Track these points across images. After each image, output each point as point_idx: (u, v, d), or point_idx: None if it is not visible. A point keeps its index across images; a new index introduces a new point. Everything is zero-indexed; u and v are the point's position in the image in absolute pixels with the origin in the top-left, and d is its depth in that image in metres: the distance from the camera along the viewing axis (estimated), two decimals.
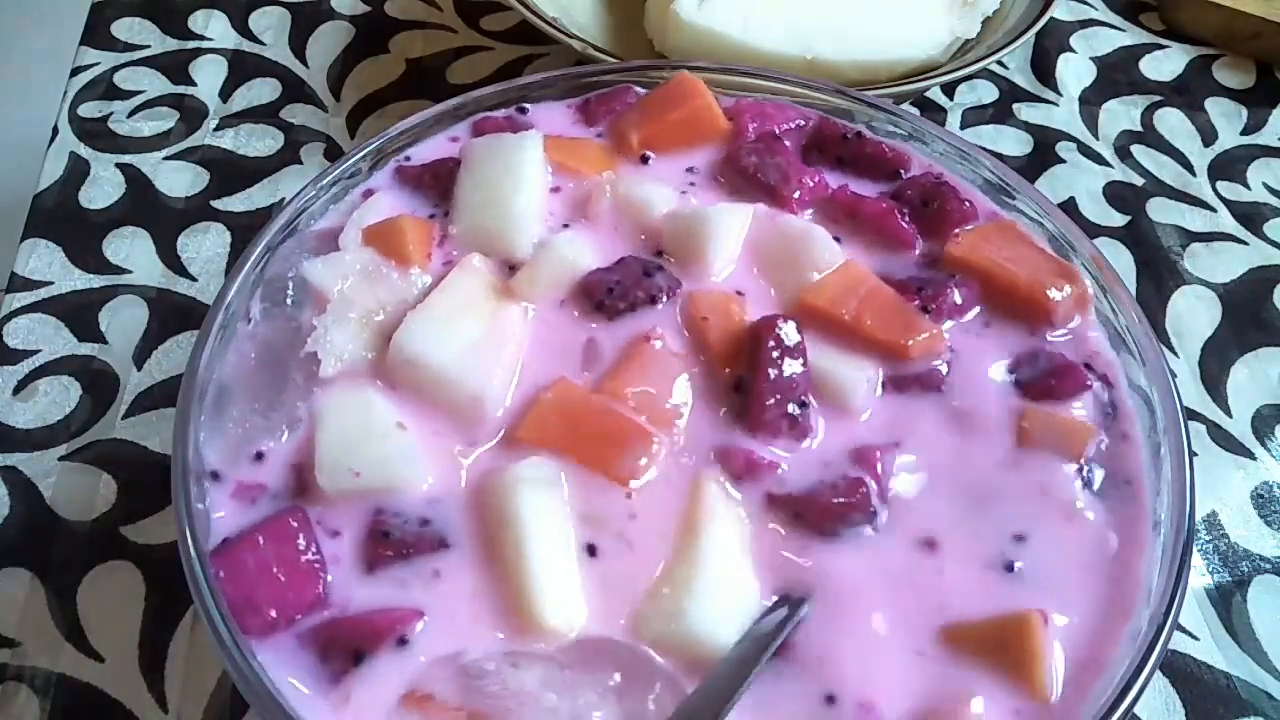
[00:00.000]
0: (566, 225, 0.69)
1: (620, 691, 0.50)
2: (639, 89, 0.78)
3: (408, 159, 0.73)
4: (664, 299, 0.65)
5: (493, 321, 0.63)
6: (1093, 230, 0.98)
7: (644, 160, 0.74)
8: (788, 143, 0.75)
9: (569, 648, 0.52)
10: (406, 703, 0.50)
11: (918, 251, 0.70)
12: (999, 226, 0.71)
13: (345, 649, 0.52)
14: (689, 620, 0.52)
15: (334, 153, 1.00)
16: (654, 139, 0.74)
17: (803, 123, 0.77)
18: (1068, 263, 0.68)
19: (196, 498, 0.55)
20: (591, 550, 0.55)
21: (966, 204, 0.71)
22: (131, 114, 1.02)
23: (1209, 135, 1.09)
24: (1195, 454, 0.67)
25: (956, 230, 0.70)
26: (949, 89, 1.10)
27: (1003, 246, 0.69)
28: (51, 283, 0.88)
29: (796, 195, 0.71)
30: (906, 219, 0.70)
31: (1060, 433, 0.60)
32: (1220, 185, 1.04)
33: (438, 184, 0.71)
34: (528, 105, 0.77)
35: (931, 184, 0.72)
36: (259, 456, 0.58)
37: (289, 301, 0.64)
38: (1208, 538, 0.80)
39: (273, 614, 0.52)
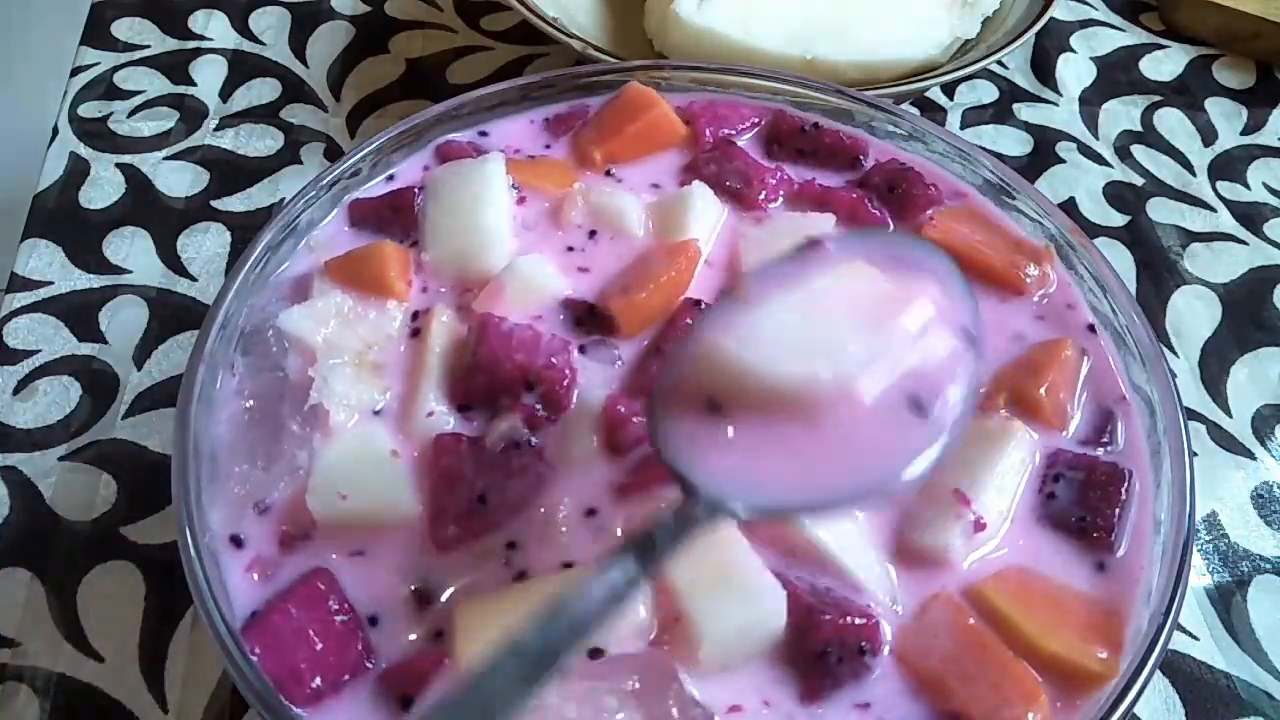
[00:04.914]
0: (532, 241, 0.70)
1: (639, 694, 0.50)
2: (589, 101, 0.78)
3: (382, 176, 0.73)
4: None
5: None
6: (1093, 230, 0.98)
7: (608, 173, 0.75)
8: (743, 143, 0.76)
9: (583, 659, 0.52)
10: None
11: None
12: (967, 210, 0.73)
13: (392, 697, 0.52)
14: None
15: (334, 153, 1.00)
16: (615, 152, 0.75)
17: (758, 120, 0.78)
18: (1031, 240, 0.71)
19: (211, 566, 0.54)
20: None
21: (932, 188, 0.73)
22: (131, 114, 1.02)
23: (1209, 135, 1.09)
24: (1195, 454, 0.67)
25: (930, 212, 0.72)
26: (949, 89, 1.10)
27: (975, 230, 0.72)
28: (51, 283, 0.88)
29: (762, 196, 0.72)
30: (875, 205, 0.72)
31: None
32: (1220, 185, 1.04)
33: (398, 216, 0.70)
34: (488, 130, 0.77)
35: (895, 169, 0.74)
36: (264, 511, 0.57)
37: (272, 351, 0.63)
38: (1208, 538, 0.80)
39: (317, 682, 0.51)
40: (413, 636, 0.54)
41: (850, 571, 0.56)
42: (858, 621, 0.53)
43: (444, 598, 0.55)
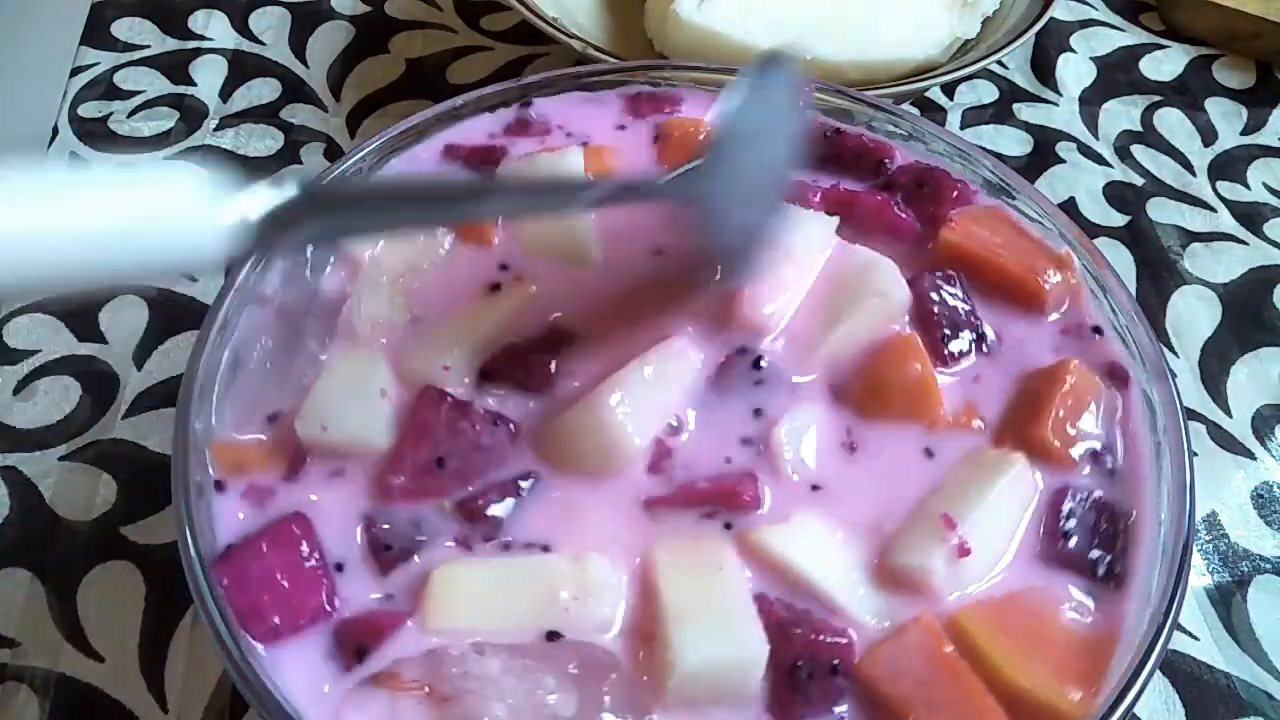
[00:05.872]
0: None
1: (578, 679, 0.51)
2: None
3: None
4: None
5: None
6: (1093, 230, 0.98)
7: None
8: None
9: (534, 642, 0.53)
10: (373, 681, 0.51)
11: (914, 239, 0.70)
12: (990, 212, 0.71)
13: (349, 646, 0.52)
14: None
15: (334, 153, 1.00)
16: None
17: None
18: (1056, 250, 0.68)
19: (197, 501, 0.55)
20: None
21: (960, 185, 0.71)
22: (131, 114, 1.02)
23: (1209, 135, 1.09)
24: (1195, 454, 0.67)
25: (952, 213, 0.69)
26: (949, 89, 1.10)
27: (995, 232, 0.69)
28: None
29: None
30: (900, 207, 0.70)
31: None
32: (1220, 185, 1.04)
33: (484, 170, 0.71)
34: (533, 99, 0.76)
35: (921, 169, 0.73)
36: (272, 419, 0.59)
37: (309, 268, 0.64)
38: (1208, 538, 0.80)
39: (277, 621, 0.52)
40: (377, 593, 0.54)
41: (829, 593, 0.55)
42: (830, 639, 0.52)
43: (416, 557, 0.55)
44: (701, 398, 0.61)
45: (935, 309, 0.65)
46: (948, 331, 0.64)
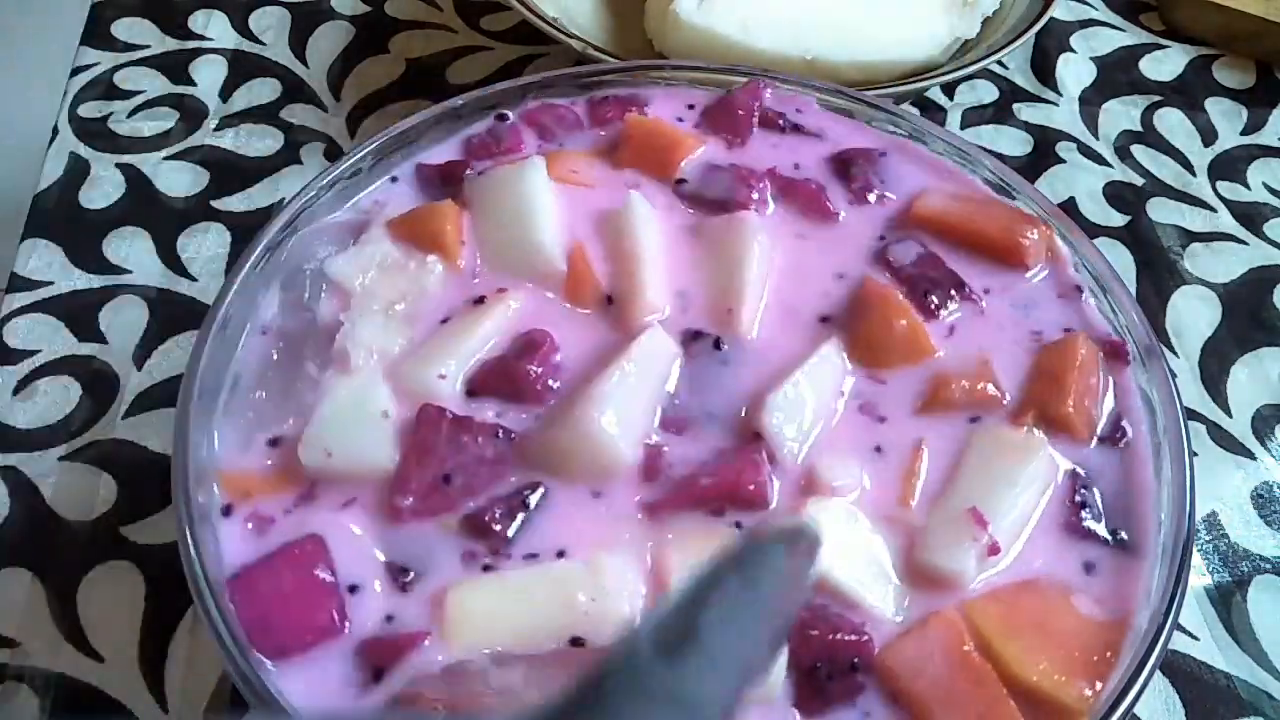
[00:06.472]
0: None
1: None
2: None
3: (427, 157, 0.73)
4: None
5: None
6: (1093, 230, 0.98)
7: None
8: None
9: (556, 650, 0.52)
10: (394, 702, 0.51)
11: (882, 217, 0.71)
12: (953, 192, 0.72)
13: (366, 666, 0.52)
14: None
15: (334, 153, 1.00)
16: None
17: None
18: (1022, 209, 0.70)
19: (200, 516, 0.54)
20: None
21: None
22: (131, 114, 1.02)
23: (1209, 135, 1.09)
24: (1195, 454, 0.67)
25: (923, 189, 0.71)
26: (949, 89, 1.10)
27: (964, 201, 0.71)
28: (51, 283, 0.88)
29: (755, 198, 0.70)
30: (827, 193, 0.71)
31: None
32: (1220, 185, 1.04)
33: (449, 187, 0.71)
34: (508, 113, 0.76)
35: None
36: (274, 443, 0.59)
37: (305, 295, 0.65)
38: (1208, 538, 0.80)
39: (283, 639, 0.52)
40: (392, 613, 0.54)
41: (847, 589, 0.54)
42: (848, 637, 0.52)
43: (430, 576, 0.55)
44: (682, 388, 0.62)
45: (893, 262, 0.67)
46: (925, 287, 0.66)
